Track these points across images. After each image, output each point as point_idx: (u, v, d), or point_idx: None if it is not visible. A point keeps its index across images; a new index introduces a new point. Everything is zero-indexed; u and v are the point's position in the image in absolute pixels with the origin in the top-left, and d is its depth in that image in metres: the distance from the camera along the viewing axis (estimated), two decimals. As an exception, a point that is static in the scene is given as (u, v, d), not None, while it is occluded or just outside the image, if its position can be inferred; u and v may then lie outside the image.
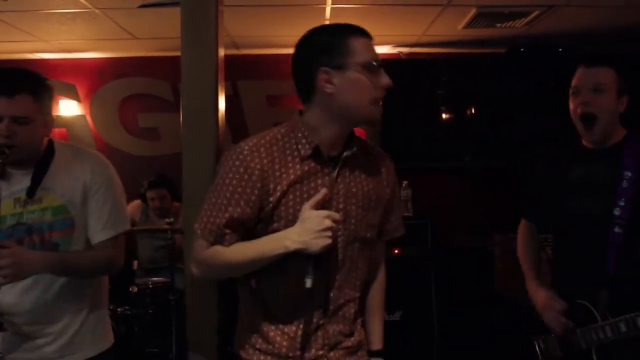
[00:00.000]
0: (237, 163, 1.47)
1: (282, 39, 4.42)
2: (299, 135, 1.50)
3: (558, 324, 2.06)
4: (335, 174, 1.52)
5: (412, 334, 4.11)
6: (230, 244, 1.48)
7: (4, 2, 3.34)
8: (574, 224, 2.09)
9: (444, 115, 4.87)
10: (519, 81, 4.61)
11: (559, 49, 4.59)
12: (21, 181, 1.83)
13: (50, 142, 1.91)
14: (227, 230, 1.47)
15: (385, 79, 1.49)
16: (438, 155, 4.84)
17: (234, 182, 1.46)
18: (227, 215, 1.46)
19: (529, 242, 2.36)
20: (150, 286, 3.77)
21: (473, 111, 4.81)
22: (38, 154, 1.86)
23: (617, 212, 1.95)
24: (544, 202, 2.22)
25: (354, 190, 1.55)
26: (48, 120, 1.87)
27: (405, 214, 4.48)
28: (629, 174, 1.95)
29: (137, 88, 4.98)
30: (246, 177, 1.45)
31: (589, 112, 2.00)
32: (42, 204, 1.84)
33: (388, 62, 4.68)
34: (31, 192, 1.82)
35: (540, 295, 2.16)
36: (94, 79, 4.97)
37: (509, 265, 3.93)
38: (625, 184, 1.95)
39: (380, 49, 4.78)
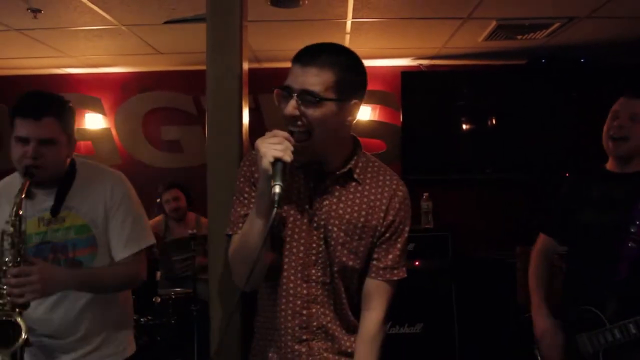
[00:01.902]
0: (245, 168, 1.60)
1: (303, 52, 4.46)
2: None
3: (553, 355, 2.19)
4: (312, 185, 1.53)
5: (433, 346, 4.09)
6: None
7: (34, 20, 3.43)
8: (589, 235, 2.18)
9: (464, 127, 4.87)
10: (540, 92, 4.59)
11: (580, 60, 4.57)
12: (45, 200, 1.90)
13: (72, 162, 1.97)
14: (240, 224, 1.54)
15: (285, 108, 1.44)
16: (459, 167, 4.83)
17: (241, 185, 1.59)
18: (242, 212, 1.56)
19: (542, 263, 2.40)
20: (173, 297, 3.82)
21: (494, 123, 4.80)
22: (61, 174, 1.92)
23: (633, 228, 2.05)
24: (565, 216, 2.31)
25: (339, 212, 1.53)
26: (71, 141, 1.93)
27: (426, 226, 4.48)
28: None
29: (160, 102, 5.07)
30: (249, 179, 1.57)
31: (622, 134, 2.15)
32: (66, 223, 1.90)
33: (409, 74, 4.78)
34: (55, 211, 1.88)
35: (540, 322, 2.25)
36: (119, 93, 5.07)
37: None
38: None
39: (401, 62, 4.83)
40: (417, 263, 4.22)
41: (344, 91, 1.45)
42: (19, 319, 1.71)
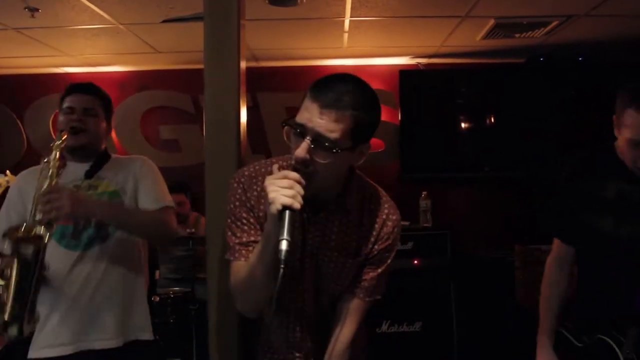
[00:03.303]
0: (239, 190, 1.53)
1: (300, 51, 4.47)
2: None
3: None
4: (305, 216, 1.48)
5: (432, 345, 4.09)
6: (246, 258, 1.51)
7: (32, 19, 3.43)
8: (604, 246, 1.90)
9: (463, 126, 4.87)
10: (539, 91, 4.60)
11: (578, 58, 4.57)
12: (79, 171, 2.13)
13: (106, 150, 2.26)
14: (243, 251, 1.51)
15: (297, 150, 1.34)
16: (457, 166, 4.83)
17: (237, 210, 1.52)
18: (243, 240, 1.51)
19: (556, 277, 2.05)
20: (172, 296, 3.81)
21: (492, 121, 4.80)
22: (97, 151, 2.20)
23: None
24: (573, 216, 1.98)
25: (331, 244, 1.52)
26: (109, 125, 2.26)
27: (425, 225, 4.48)
28: None
29: (158, 100, 5.06)
30: (246, 206, 1.51)
31: None
32: (99, 189, 2.12)
33: (407, 73, 4.78)
34: (90, 173, 2.13)
35: (543, 356, 2.01)
36: (117, 92, 5.05)
37: (530, 277, 3.90)
38: None
39: (399, 60, 4.83)
40: (415, 262, 4.21)
41: (361, 137, 1.38)
42: (42, 231, 1.85)
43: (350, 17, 3.67)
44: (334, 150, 1.32)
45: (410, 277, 4.08)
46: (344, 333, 1.57)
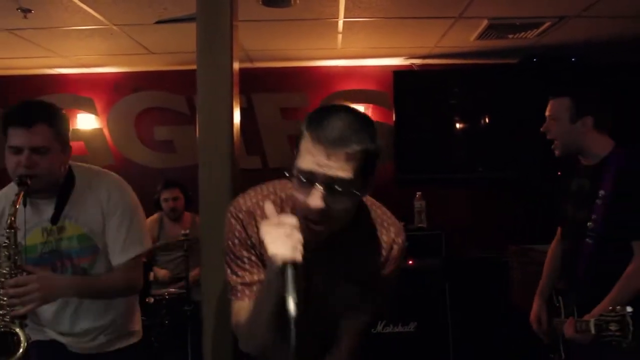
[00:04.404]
0: (238, 227, 1.44)
1: (295, 52, 4.47)
2: (290, 204, 1.42)
3: (541, 335, 2.45)
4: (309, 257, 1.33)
5: (427, 345, 4.10)
6: (250, 298, 1.44)
7: (24, 19, 3.42)
8: (567, 229, 2.41)
9: (457, 126, 4.88)
10: (532, 91, 4.60)
11: (571, 59, 4.59)
12: (46, 210, 1.90)
13: (70, 169, 1.96)
14: (246, 291, 1.43)
15: (310, 201, 1.23)
16: (451, 167, 4.84)
17: (236, 248, 1.45)
18: (246, 279, 1.44)
19: (553, 250, 2.55)
20: (167, 297, 3.81)
21: (486, 122, 4.82)
22: (59, 182, 1.91)
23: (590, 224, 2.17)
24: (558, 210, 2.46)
25: (337, 271, 1.46)
26: (66, 148, 1.91)
27: (419, 225, 4.49)
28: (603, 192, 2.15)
29: (153, 102, 5.05)
30: (247, 244, 1.44)
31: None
32: (67, 232, 1.91)
33: (401, 74, 4.79)
34: (54, 220, 1.89)
35: (534, 308, 2.50)
36: (111, 93, 5.05)
37: (524, 277, 3.91)
38: (599, 201, 2.14)
39: (393, 61, 4.83)
40: (410, 262, 4.22)
41: (371, 170, 1.29)
42: (18, 330, 1.71)
43: (344, 18, 3.67)
44: (352, 192, 1.24)
45: (405, 278, 4.08)
46: (339, 356, 1.53)
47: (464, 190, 4.91)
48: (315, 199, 1.22)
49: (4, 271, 1.73)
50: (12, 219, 1.75)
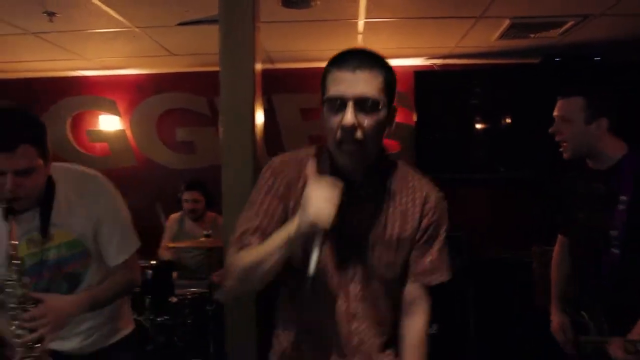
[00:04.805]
0: (267, 176, 1.50)
1: (315, 53, 4.48)
2: (324, 157, 1.48)
3: (567, 348, 2.32)
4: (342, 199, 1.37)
5: (449, 347, 4.07)
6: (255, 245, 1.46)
7: (49, 23, 3.48)
8: (581, 235, 2.27)
9: (478, 126, 4.84)
10: (554, 91, 4.55)
11: (595, 58, 4.53)
12: (30, 220, 1.81)
13: (49, 177, 1.83)
14: (253, 238, 1.46)
15: (343, 119, 1.33)
16: (472, 167, 4.80)
17: (262, 196, 1.49)
18: (255, 224, 1.47)
19: (560, 262, 2.46)
20: (189, 297, 3.84)
21: (507, 122, 4.77)
22: (41, 193, 1.80)
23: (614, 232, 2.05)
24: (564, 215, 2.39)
25: (372, 225, 1.47)
26: (48, 160, 1.76)
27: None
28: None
29: (174, 103, 5.10)
30: (273, 191, 1.48)
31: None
32: (55, 240, 1.84)
33: (422, 74, 4.77)
34: (44, 231, 1.81)
35: (555, 318, 2.38)
36: (134, 94, 5.11)
37: (547, 278, 3.87)
38: (621, 206, 2.04)
39: (414, 61, 4.81)
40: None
41: (391, 94, 1.39)
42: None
43: (365, 18, 3.67)
44: (379, 108, 1.34)
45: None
46: (414, 323, 1.55)
47: (485, 190, 4.87)
48: (348, 116, 1.32)
49: (14, 305, 1.65)
50: (14, 253, 1.66)
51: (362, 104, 1.33)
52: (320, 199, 1.26)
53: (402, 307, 1.56)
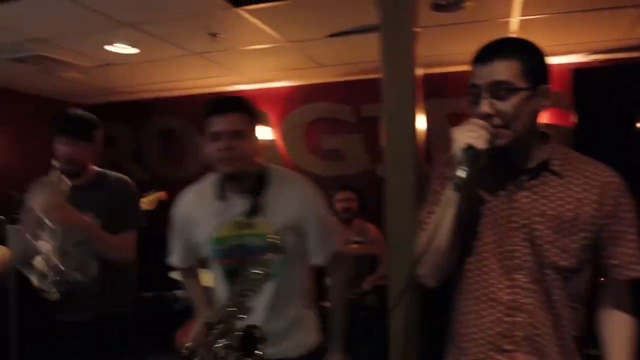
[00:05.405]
0: (440, 162, 1.58)
1: (461, 56, 4.36)
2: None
3: None
4: (508, 183, 1.45)
5: None
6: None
7: (210, 43, 3.74)
8: None
9: (642, 126, 4.42)
10: None
11: None
12: (240, 205, 1.98)
13: (265, 168, 2.07)
14: (428, 219, 1.53)
15: (480, 108, 1.38)
16: (634, 168, 4.39)
17: (435, 186, 1.57)
18: (428, 208, 1.56)
19: None
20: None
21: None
22: (253, 176, 2.00)
23: None
24: None
25: (543, 208, 1.41)
26: (255, 138, 2.05)
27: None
28: None
29: (321, 112, 5.25)
30: (441, 179, 1.54)
31: None
32: (258, 228, 1.97)
33: (581, 72, 4.45)
34: (251, 214, 1.98)
35: None
36: (283, 106, 5.33)
37: None
38: None
39: (571, 58, 4.53)
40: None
41: (532, 78, 1.37)
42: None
43: (519, 16, 3.50)
44: (510, 90, 1.34)
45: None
46: (615, 320, 1.48)
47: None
48: (482, 105, 1.36)
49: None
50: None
51: (495, 90, 1.36)
52: (463, 129, 1.35)
53: (599, 304, 1.50)
